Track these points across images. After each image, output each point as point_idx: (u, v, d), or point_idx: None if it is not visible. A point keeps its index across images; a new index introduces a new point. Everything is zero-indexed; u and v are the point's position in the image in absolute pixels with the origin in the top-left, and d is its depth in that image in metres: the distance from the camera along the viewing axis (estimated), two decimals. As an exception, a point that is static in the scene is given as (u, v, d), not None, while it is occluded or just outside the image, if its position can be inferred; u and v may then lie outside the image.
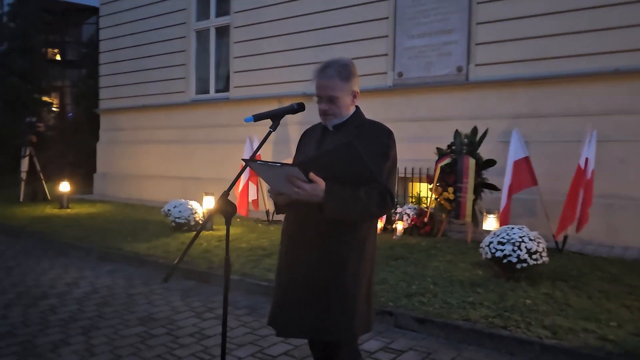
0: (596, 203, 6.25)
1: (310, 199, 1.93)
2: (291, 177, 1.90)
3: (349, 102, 2.20)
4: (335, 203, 1.94)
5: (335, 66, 2.17)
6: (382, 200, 2.03)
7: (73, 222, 8.05)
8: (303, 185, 1.90)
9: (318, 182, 1.91)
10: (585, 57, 6.61)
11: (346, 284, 2.11)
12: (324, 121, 2.24)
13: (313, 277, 2.12)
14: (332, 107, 2.18)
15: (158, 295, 4.71)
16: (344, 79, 2.16)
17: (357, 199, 1.97)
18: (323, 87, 2.17)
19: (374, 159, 2.04)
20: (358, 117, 2.26)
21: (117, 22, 12.53)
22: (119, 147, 12.49)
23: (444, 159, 6.68)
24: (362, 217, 2.08)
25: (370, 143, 2.11)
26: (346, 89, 2.17)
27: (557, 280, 4.62)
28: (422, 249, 5.95)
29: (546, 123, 6.91)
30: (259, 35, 9.80)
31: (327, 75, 2.15)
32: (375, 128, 2.21)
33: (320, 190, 1.91)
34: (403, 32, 8.14)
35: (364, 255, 2.16)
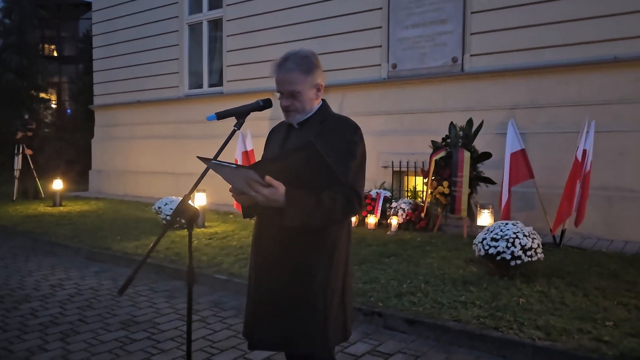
0: (595, 196, 6.10)
1: (269, 204, 1.79)
2: (249, 180, 1.77)
3: (312, 96, 2.05)
4: (296, 209, 1.79)
5: (294, 58, 2.01)
6: (347, 204, 1.89)
7: (65, 221, 7.95)
8: (261, 190, 1.75)
9: (276, 186, 1.76)
10: (583, 45, 6.44)
11: (316, 294, 1.98)
12: (287, 118, 2.09)
13: (281, 289, 1.99)
14: (294, 102, 2.03)
15: (143, 297, 4.59)
16: (305, 72, 2.01)
17: (320, 204, 1.82)
18: (283, 82, 2.01)
19: (338, 158, 1.90)
20: (323, 111, 2.10)
21: (110, 17, 12.37)
22: (113, 144, 12.37)
23: (439, 152, 6.53)
24: (326, 224, 1.93)
25: (335, 140, 1.96)
26: (308, 82, 2.02)
27: (553, 277, 4.48)
28: (417, 245, 5.81)
29: (543, 114, 6.75)
30: (252, 28, 9.64)
31: (287, 68, 2.00)
32: (340, 123, 2.05)
33: (280, 195, 1.77)
34: (397, 23, 7.96)
35: (335, 261, 2.02)
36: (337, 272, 2.04)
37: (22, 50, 17.08)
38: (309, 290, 1.98)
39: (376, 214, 7.10)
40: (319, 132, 2.02)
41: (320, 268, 1.99)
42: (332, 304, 2.02)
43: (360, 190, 1.97)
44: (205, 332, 3.74)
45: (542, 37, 6.70)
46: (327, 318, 2.00)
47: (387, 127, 8.06)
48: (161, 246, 6.01)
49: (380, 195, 7.27)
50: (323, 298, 2.00)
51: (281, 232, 1.95)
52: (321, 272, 1.99)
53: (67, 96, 22.59)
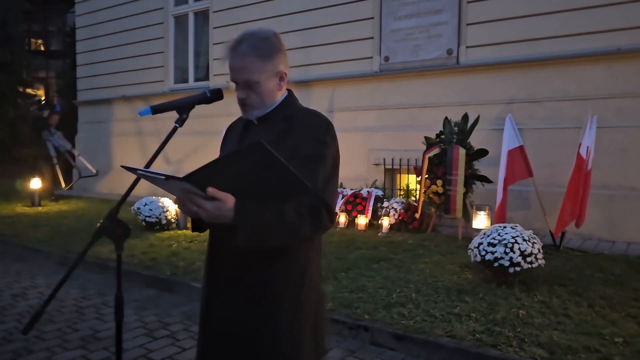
0: (596, 194, 5.78)
1: (216, 220, 1.42)
2: (186, 192, 1.41)
3: (273, 86, 1.68)
4: (250, 226, 1.42)
5: (251, 40, 1.63)
6: (315, 218, 1.51)
7: (41, 222, 7.56)
8: (202, 203, 1.39)
9: (222, 198, 1.39)
10: (584, 36, 6.09)
11: (283, 330, 1.61)
12: (243, 113, 1.72)
13: (239, 324, 1.61)
14: (251, 94, 1.66)
15: (110, 309, 4.23)
16: (264, 57, 1.63)
17: (281, 219, 1.45)
18: (237, 70, 1.64)
19: (305, 162, 1.55)
20: (288, 104, 1.73)
21: (93, 9, 11.95)
22: (98, 140, 11.96)
23: (432, 149, 6.17)
24: (291, 243, 1.56)
25: (301, 140, 1.61)
26: (268, 70, 1.64)
27: (555, 284, 4.15)
28: (408, 248, 5.47)
29: (542, 108, 6.41)
30: (240, 20, 9.24)
31: (241, 52, 1.62)
32: (310, 120, 1.68)
33: (227, 210, 1.40)
34: (389, 13, 7.60)
35: (307, 286, 1.66)
36: (309, 300, 1.68)
37: (5, 44, 16.57)
38: (273, 326, 1.61)
39: (367, 214, 6.76)
40: (282, 129, 1.65)
41: (287, 297, 1.62)
42: (302, 339, 1.66)
43: (331, 200, 1.60)
44: (172, 351, 3.39)
45: (541, 27, 6.35)
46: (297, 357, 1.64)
47: (379, 123, 7.71)
48: (137, 250, 5.65)
49: (372, 194, 6.93)
50: (291, 334, 1.64)
51: (238, 253, 1.59)
52: (288, 304, 1.62)
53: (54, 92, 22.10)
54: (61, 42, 22.15)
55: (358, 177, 7.70)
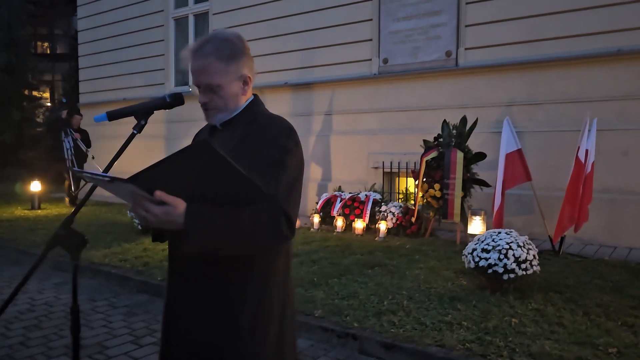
0: (597, 199, 5.67)
1: (164, 225, 1.36)
2: (135, 196, 1.34)
3: (236, 90, 1.62)
4: (200, 232, 1.36)
5: (213, 42, 1.58)
6: (274, 226, 1.44)
7: (39, 226, 7.55)
8: (151, 208, 1.33)
9: (171, 203, 1.33)
10: (584, 38, 6.00)
11: (240, 343, 1.55)
12: (206, 118, 1.66)
13: (198, 335, 1.56)
14: (213, 98, 1.60)
15: (99, 314, 4.18)
16: (226, 59, 1.58)
17: (235, 226, 1.38)
18: (198, 72, 1.58)
19: (265, 168, 1.48)
20: (252, 109, 1.67)
21: (95, 12, 11.97)
22: (100, 143, 11.95)
23: (430, 152, 6.10)
24: (245, 251, 1.49)
25: (262, 145, 1.55)
26: (230, 73, 1.59)
27: (551, 291, 4.06)
28: (405, 253, 5.39)
29: (542, 111, 6.31)
30: (239, 22, 9.20)
31: (202, 54, 1.57)
32: (271, 125, 1.62)
33: (177, 215, 1.33)
34: (388, 15, 7.53)
35: (267, 298, 1.59)
36: (271, 313, 1.61)
37: (11, 47, 16.68)
38: (231, 337, 1.55)
39: (364, 218, 6.69)
40: (244, 134, 1.60)
41: (246, 307, 1.55)
42: (263, 353, 1.60)
43: (292, 209, 1.51)
44: (157, 359, 3.33)
45: (540, 28, 6.26)
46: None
47: (378, 126, 7.64)
48: (130, 254, 5.61)
49: (369, 198, 6.85)
50: (251, 347, 1.57)
51: (196, 261, 1.53)
52: (248, 312, 1.55)
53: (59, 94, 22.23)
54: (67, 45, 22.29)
55: (357, 181, 7.62)
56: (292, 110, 8.47)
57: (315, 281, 4.44)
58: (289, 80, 8.50)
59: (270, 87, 8.49)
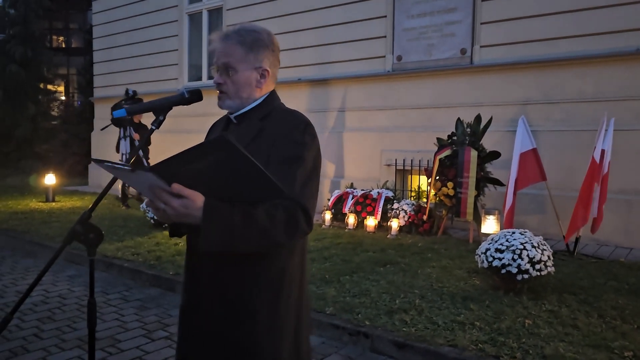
0: (613, 200, 5.60)
1: (181, 220, 1.36)
2: (153, 187, 1.33)
3: (252, 80, 1.62)
4: (216, 229, 1.34)
5: (238, 30, 1.62)
6: (291, 223, 1.43)
7: (52, 218, 7.62)
8: (169, 200, 1.32)
9: (190, 196, 1.32)
10: (601, 36, 5.91)
11: (259, 339, 1.55)
12: (218, 102, 1.65)
13: (215, 332, 1.56)
14: (226, 81, 1.60)
15: (112, 307, 4.21)
16: (247, 46, 1.60)
17: (251, 222, 1.37)
18: (218, 53, 1.61)
19: (282, 164, 1.48)
20: (267, 104, 1.66)
21: (109, 7, 12.02)
22: (113, 137, 11.99)
23: (443, 150, 6.06)
24: (262, 248, 1.48)
25: (278, 141, 1.54)
26: (248, 61, 1.60)
27: (565, 292, 4.01)
28: (417, 252, 5.37)
29: (558, 110, 6.24)
30: (253, 18, 9.18)
31: (225, 37, 1.61)
32: (287, 120, 1.61)
33: (195, 209, 1.33)
34: (402, 12, 7.48)
35: (284, 294, 1.58)
36: (288, 309, 1.61)
37: (27, 41, 16.80)
38: (249, 334, 1.55)
39: (376, 215, 6.66)
40: (259, 129, 1.59)
41: (263, 305, 1.55)
42: (281, 349, 1.59)
43: (309, 204, 1.51)
44: (169, 353, 3.35)
45: (557, 27, 6.18)
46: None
47: (391, 123, 7.60)
48: (143, 248, 5.65)
49: (382, 195, 6.83)
50: (269, 343, 1.57)
51: (213, 257, 1.53)
52: (265, 309, 1.56)
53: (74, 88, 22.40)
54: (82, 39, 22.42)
55: (369, 178, 7.60)
56: (305, 106, 8.45)
57: (327, 278, 4.43)
58: (303, 77, 8.48)
59: (284, 83, 8.46)
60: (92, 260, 1.63)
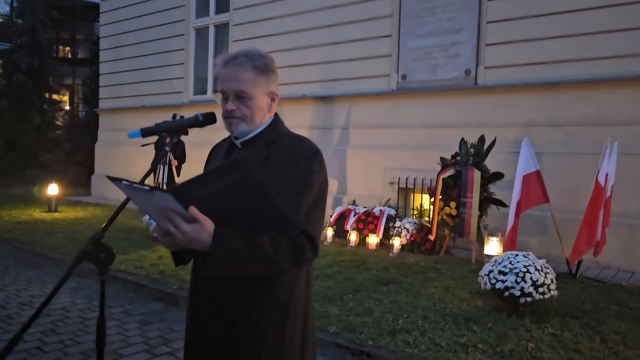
0: (615, 223, 5.62)
1: (190, 245, 1.38)
2: (166, 210, 1.35)
3: (264, 104, 1.64)
4: (223, 256, 1.37)
5: (247, 54, 1.61)
6: (296, 252, 1.46)
7: (55, 229, 7.64)
8: (181, 224, 1.34)
9: (203, 221, 1.35)
10: (605, 61, 5.98)
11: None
12: (229, 126, 1.65)
13: (221, 358, 1.58)
14: (241, 107, 1.61)
15: (115, 321, 4.22)
16: (260, 71, 1.61)
17: (255, 250, 1.40)
18: (230, 79, 1.60)
19: (288, 191, 1.49)
20: (273, 129, 1.68)
21: (117, 19, 12.16)
22: (117, 148, 12.10)
23: (447, 170, 6.09)
24: (266, 275, 1.52)
25: (285, 167, 1.55)
26: (262, 86, 1.62)
27: (568, 316, 4.02)
28: (419, 271, 5.37)
29: (561, 132, 6.28)
30: (259, 34, 9.31)
31: (237, 62, 1.60)
32: (294, 145, 1.62)
33: (205, 235, 1.35)
34: (408, 31, 7.56)
35: (290, 318, 1.60)
36: (294, 331, 1.63)
37: (33, 51, 16.95)
38: (256, 357, 1.57)
39: (378, 233, 6.68)
40: (265, 155, 1.61)
41: (270, 328, 1.58)
42: None
43: (315, 232, 1.53)
44: (172, 369, 3.35)
45: (562, 50, 6.25)
46: None
47: (395, 141, 7.65)
48: (146, 261, 5.66)
49: (384, 213, 6.85)
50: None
51: (219, 283, 1.55)
52: (272, 333, 1.58)
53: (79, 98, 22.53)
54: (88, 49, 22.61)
55: (372, 195, 7.62)
56: (310, 122, 8.52)
57: (330, 296, 4.44)
58: (308, 93, 8.55)
59: (288, 99, 8.54)
60: (102, 280, 1.64)
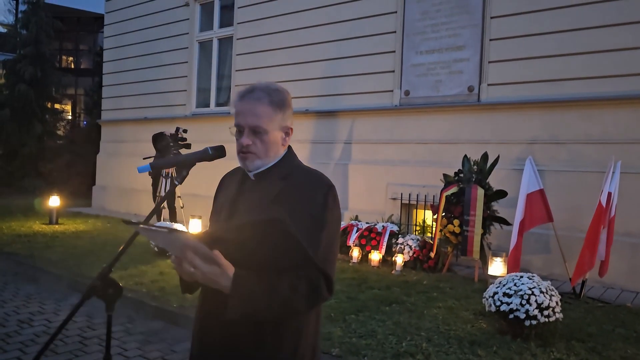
0: (619, 242, 5.59)
1: (207, 284, 1.41)
2: (186, 248, 1.36)
3: (278, 139, 1.64)
4: (242, 301, 1.39)
5: (265, 89, 1.61)
6: (313, 293, 1.46)
7: (56, 242, 7.60)
8: (200, 266, 1.36)
9: (224, 266, 1.37)
10: (609, 79, 5.97)
11: None
12: (243, 162, 1.64)
13: None
14: (256, 142, 1.60)
15: (115, 341, 4.17)
16: (277, 106, 1.61)
17: (275, 296, 1.41)
18: (246, 113, 1.59)
19: (305, 228, 1.48)
20: (287, 162, 1.67)
21: (121, 32, 12.21)
22: (118, 160, 12.09)
23: (450, 187, 6.07)
24: (283, 317, 1.51)
25: (301, 203, 1.54)
26: (277, 121, 1.62)
27: (573, 339, 3.97)
28: (422, 290, 5.33)
29: (564, 150, 6.26)
30: (263, 48, 9.34)
31: (254, 97, 1.60)
32: (309, 181, 1.62)
33: (226, 279, 1.37)
34: (411, 48, 7.58)
35: (300, 351, 1.58)
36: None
37: (37, 62, 17.02)
38: None
39: (381, 250, 6.63)
40: (279, 189, 1.59)
41: None
42: None
43: (332, 269, 1.54)
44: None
45: (565, 68, 6.25)
46: None
47: (398, 157, 7.63)
48: (146, 278, 5.62)
49: (386, 229, 6.81)
50: None
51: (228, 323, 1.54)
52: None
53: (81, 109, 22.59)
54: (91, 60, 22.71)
55: (374, 211, 7.59)
56: (312, 137, 8.51)
57: (332, 317, 4.39)
58: (310, 108, 8.55)
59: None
60: (109, 316, 1.62)
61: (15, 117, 16.58)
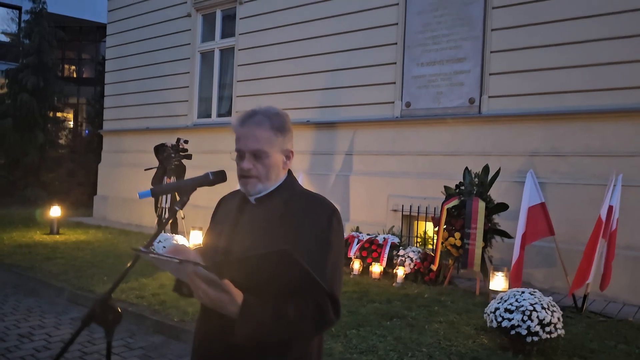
0: (621, 255, 5.58)
1: (214, 308, 1.41)
2: (193, 275, 1.39)
3: (279, 163, 1.65)
4: (250, 327, 1.40)
5: (265, 113, 1.63)
6: (321, 317, 1.47)
7: (56, 253, 7.58)
8: (208, 291, 1.37)
9: (234, 294, 1.38)
10: (610, 92, 5.98)
11: None
12: (245, 186, 1.65)
13: None
14: (257, 166, 1.61)
15: (116, 356, 4.16)
16: (278, 130, 1.63)
17: (283, 322, 1.42)
18: (247, 137, 1.61)
19: (309, 250, 1.49)
20: (288, 187, 1.68)
21: (123, 42, 12.27)
22: (120, 170, 12.11)
23: (451, 200, 6.06)
24: (290, 340, 1.52)
25: (305, 225, 1.55)
26: (278, 144, 1.63)
27: (575, 356, 3.95)
28: (423, 304, 5.31)
29: (565, 163, 6.27)
30: (264, 59, 9.38)
31: (255, 121, 1.62)
32: (313, 204, 1.63)
33: (234, 305, 1.38)
34: (412, 59, 7.60)
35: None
36: None
37: (39, 71, 17.09)
38: None
39: (382, 262, 6.62)
40: (281, 213, 1.60)
41: None
42: None
43: (337, 291, 1.54)
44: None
45: (566, 80, 6.26)
46: None
47: (399, 169, 7.63)
48: (147, 291, 5.60)
49: (387, 241, 6.80)
50: None
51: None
52: None
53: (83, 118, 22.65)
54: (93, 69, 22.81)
55: (375, 223, 7.58)
56: (313, 148, 8.52)
57: (333, 332, 4.37)
58: (311, 119, 8.57)
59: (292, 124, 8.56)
60: (109, 342, 1.61)
61: (18, 126, 16.61)
